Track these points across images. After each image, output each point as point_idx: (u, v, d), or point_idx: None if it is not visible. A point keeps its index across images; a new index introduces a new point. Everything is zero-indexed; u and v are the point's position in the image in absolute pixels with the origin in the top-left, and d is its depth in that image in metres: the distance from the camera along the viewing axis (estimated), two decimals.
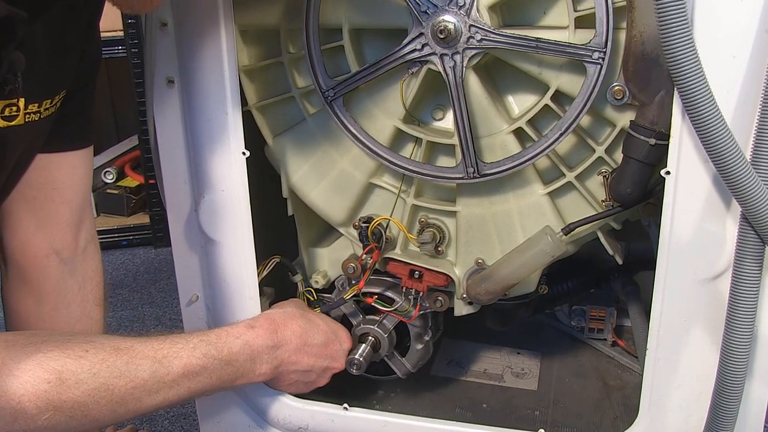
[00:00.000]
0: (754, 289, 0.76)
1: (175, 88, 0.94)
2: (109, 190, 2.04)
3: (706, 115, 0.71)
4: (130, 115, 2.12)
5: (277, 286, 1.13)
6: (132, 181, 2.07)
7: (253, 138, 0.97)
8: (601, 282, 1.25)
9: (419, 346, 1.08)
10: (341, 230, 1.04)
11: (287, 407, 1.04)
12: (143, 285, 1.80)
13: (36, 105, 0.76)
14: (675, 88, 0.73)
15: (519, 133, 0.90)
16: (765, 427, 0.89)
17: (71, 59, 0.82)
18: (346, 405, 1.03)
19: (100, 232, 1.96)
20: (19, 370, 0.69)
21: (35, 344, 0.71)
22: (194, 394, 0.83)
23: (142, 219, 2.01)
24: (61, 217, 0.92)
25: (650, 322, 0.87)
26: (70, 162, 0.90)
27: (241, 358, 0.87)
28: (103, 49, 1.86)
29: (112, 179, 2.06)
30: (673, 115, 0.77)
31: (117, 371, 0.74)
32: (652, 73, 0.79)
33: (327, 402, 1.05)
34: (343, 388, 1.08)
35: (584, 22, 0.82)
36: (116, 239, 2.00)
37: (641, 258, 1.19)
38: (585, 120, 0.87)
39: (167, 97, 0.95)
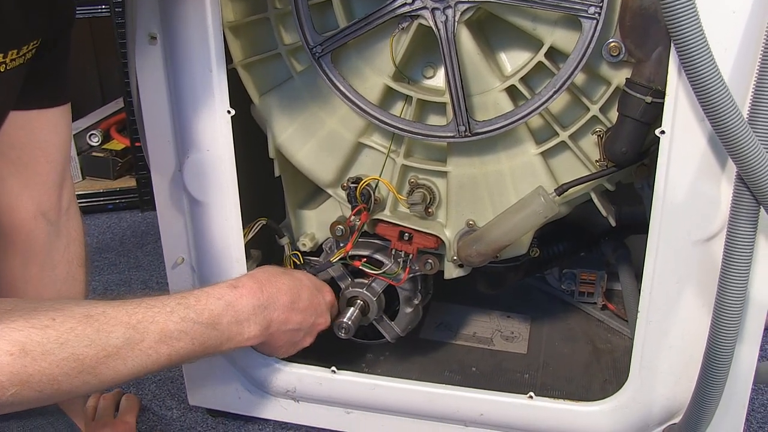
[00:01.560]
0: (748, 251, 0.75)
1: (158, 45, 0.91)
2: (94, 153, 2.00)
3: (703, 72, 0.69)
4: (115, 77, 2.08)
5: (264, 249, 1.11)
6: (118, 144, 2.03)
7: (239, 97, 0.95)
8: (592, 245, 1.24)
9: (408, 310, 1.07)
10: (329, 191, 1.02)
11: (275, 370, 1.04)
12: (130, 249, 1.78)
13: (1, 55, 0.73)
14: (672, 44, 0.71)
15: (512, 91, 0.88)
16: (753, 387, 0.89)
17: (39, 8, 0.78)
18: (334, 368, 1.02)
19: (85, 196, 1.95)
20: None
21: None
22: (176, 361, 0.77)
23: (129, 182, 1.98)
24: (46, 176, 0.89)
25: (642, 284, 0.86)
26: (51, 119, 0.87)
27: (225, 321, 0.82)
28: (85, 8, 1.81)
29: (97, 142, 2.02)
30: (669, 72, 0.75)
31: (87, 340, 0.69)
32: (650, 29, 0.77)
33: (315, 365, 1.04)
34: (332, 351, 1.07)
35: None
36: (102, 203, 1.97)
37: (632, 222, 1.18)
38: (579, 78, 0.85)
39: (150, 54, 0.92)
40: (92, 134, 2.04)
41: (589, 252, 1.25)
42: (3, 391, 0.64)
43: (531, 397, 0.96)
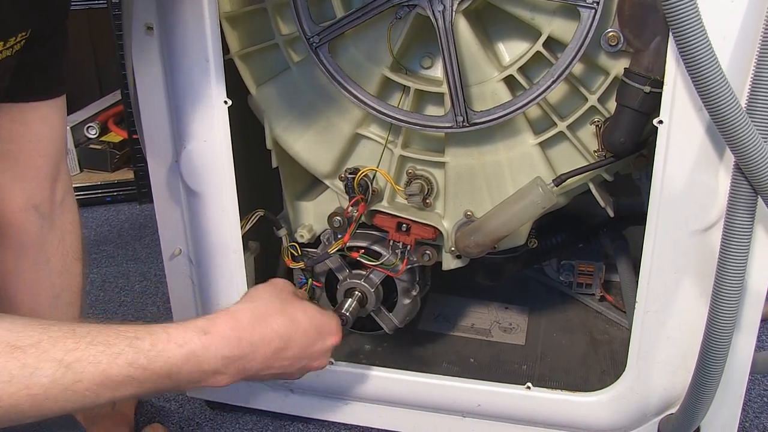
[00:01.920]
0: (745, 241, 0.75)
1: (154, 36, 0.91)
2: (92, 146, 1.99)
3: (702, 61, 0.69)
4: (113, 69, 2.06)
5: (261, 241, 1.11)
6: (115, 136, 2.03)
7: (236, 88, 0.95)
8: (590, 237, 1.24)
9: (406, 301, 1.07)
10: (327, 182, 1.02)
11: None
12: (128, 241, 1.78)
13: None
14: (670, 34, 0.71)
15: (510, 81, 0.87)
16: (750, 378, 0.89)
17: None
18: (331, 359, 1.02)
19: (83, 188, 1.95)
20: None
21: None
22: (125, 399, 0.70)
23: (127, 175, 1.97)
24: (38, 170, 0.89)
25: (640, 275, 0.86)
26: (44, 113, 0.87)
27: (184, 370, 0.70)
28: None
29: (95, 134, 2.01)
30: (667, 62, 0.75)
31: (7, 375, 0.60)
32: (648, 19, 0.77)
33: None
34: None
35: None
36: (100, 195, 1.96)
37: (630, 213, 1.18)
38: (578, 68, 0.85)
39: (146, 45, 0.92)
40: (90, 126, 2.03)
41: (587, 243, 1.25)
42: None
43: (528, 387, 0.96)
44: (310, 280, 1.09)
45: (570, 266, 1.25)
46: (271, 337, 0.78)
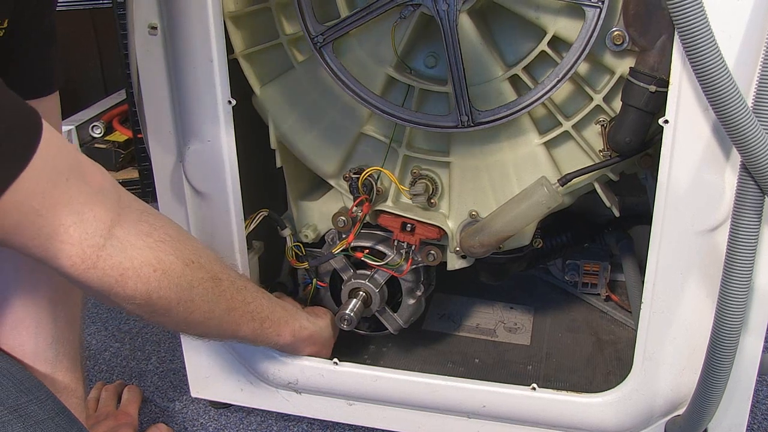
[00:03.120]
0: (752, 241, 0.75)
1: (158, 35, 0.91)
2: (97, 145, 2.00)
3: (708, 60, 0.68)
4: (118, 69, 2.07)
5: (266, 241, 1.11)
6: (120, 135, 2.03)
7: (240, 88, 0.94)
8: (596, 236, 1.24)
9: (411, 302, 1.06)
10: (331, 182, 1.01)
11: (277, 362, 1.03)
12: None
13: None
14: (676, 32, 0.71)
15: (514, 80, 0.87)
16: (757, 379, 0.89)
17: None
18: (335, 360, 1.02)
19: None
20: (129, 245, 0.70)
21: (149, 224, 0.74)
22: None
23: (131, 174, 1.98)
24: None
25: (646, 275, 0.85)
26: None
27: (274, 316, 0.93)
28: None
29: (100, 134, 2.02)
30: (672, 60, 0.75)
31: (208, 296, 0.79)
32: (653, 17, 0.76)
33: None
34: (334, 343, 1.07)
35: None
36: None
37: (636, 212, 1.18)
38: (583, 67, 0.84)
39: (150, 45, 0.92)
40: (95, 126, 2.04)
41: (592, 243, 1.25)
42: (131, 299, 0.71)
43: (534, 388, 0.96)
44: (314, 280, 1.09)
45: (575, 266, 1.25)
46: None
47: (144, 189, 1.96)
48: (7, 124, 0.60)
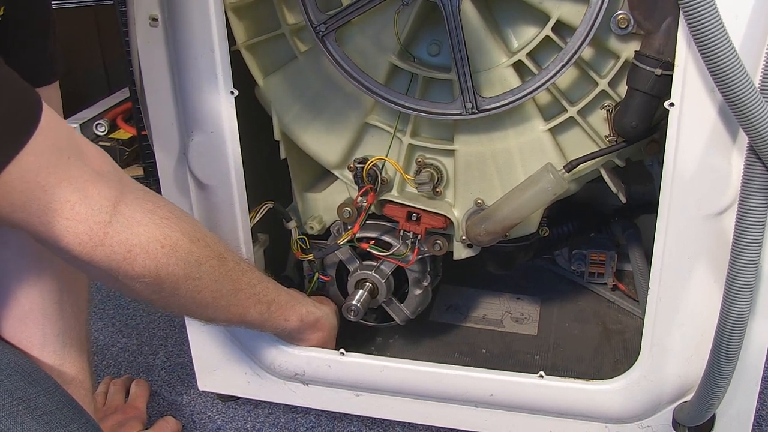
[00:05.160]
0: (760, 224, 0.74)
1: (159, 27, 0.90)
2: (101, 143, 1.99)
3: (714, 41, 0.67)
4: (121, 66, 2.07)
5: (271, 233, 1.11)
6: (124, 133, 2.03)
7: (243, 79, 0.94)
8: (602, 226, 1.23)
9: (417, 292, 1.06)
10: (336, 173, 1.01)
11: (283, 354, 1.03)
12: None
13: None
14: (681, 14, 0.70)
15: (519, 66, 0.86)
16: (766, 365, 0.88)
17: None
18: (342, 350, 1.01)
19: None
20: (135, 222, 0.70)
21: (152, 203, 0.73)
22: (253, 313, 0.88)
23: (136, 171, 1.98)
24: None
25: (652, 260, 0.85)
26: None
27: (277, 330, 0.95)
28: None
29: (104, 131, 2.02)
30: (678, 43, 0.74)
31: (215, 274, 0.79)
32: (658, 0, 0.76)
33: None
34: (341, 334, 1.07)
35: None
36: None
37: (642, 201, 1.17)
38: (587, 52, 0.84)
39: (151, 36, 0.91)
40: (99, 124, 2.04)
41: (599, 232, 1.24)
42: (140, 277, 0.70)
43: (541, 376, 0.95)
44: (316, 274, 1.09)
45: (582, 255, 1.24)
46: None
47: (149, 186, 1.95)
48: (9, 97, 0.60)
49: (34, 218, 0.63)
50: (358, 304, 1.01)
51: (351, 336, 1.08)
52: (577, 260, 1.25)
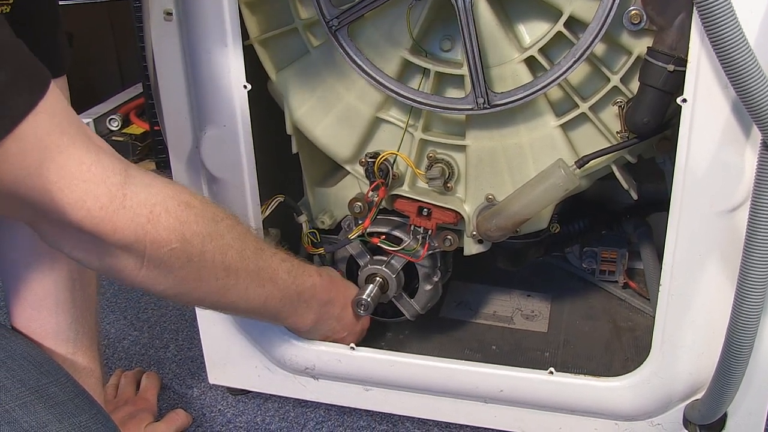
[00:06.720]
0: None
1: (174, 21, 0.91)
2: (114, 138, 2.01)
3: (728, 37, 0.67)
4: (134, 62, 2.08)
5: (281, 228, 1.11)
6: (137, 128, 2.05)
7: (256, 74, 0.94)
8: (613, 223, 1.23)
9: (428, 287, 1.06)
10: (347, 167, 1.01)
11: (294, 348, 1.04)
12: None
13: None
14: (695, 9, 0.70)
15: (531, 62, 0.86)
16: None
17: None
18: (352, 345, 1.02)
19: None
20: (147, 183, 0.68)
21: (152, 173, 0.71)
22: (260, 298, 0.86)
23: (149, 166, 1.99)
24: None
25: (664, 257, 0.85)
26: None
27: (303, 297, 0.93)
28: None
29: (117, 126, 2.04)
30: (691, 38, 0.74)
31: (235, 232, 0.79)
32: None
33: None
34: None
35: None
36: None
37: (654, 199, 1.17)
38: (599, 48, 0.84)
39: (165, 31, 0.92)
40: (112, 119, 2.05)
41: (610, 230, 1.24)
42: (166, 245, 0.69)
43: (551, 372, 0.95)
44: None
45: (593, 253, 1.24)
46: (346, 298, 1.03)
47: None
48: (20, 58, 0.59)
49: (52, 184, 0.61)
50: (369, 299, 1.01)
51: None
52: (588, 258, 1.25)
